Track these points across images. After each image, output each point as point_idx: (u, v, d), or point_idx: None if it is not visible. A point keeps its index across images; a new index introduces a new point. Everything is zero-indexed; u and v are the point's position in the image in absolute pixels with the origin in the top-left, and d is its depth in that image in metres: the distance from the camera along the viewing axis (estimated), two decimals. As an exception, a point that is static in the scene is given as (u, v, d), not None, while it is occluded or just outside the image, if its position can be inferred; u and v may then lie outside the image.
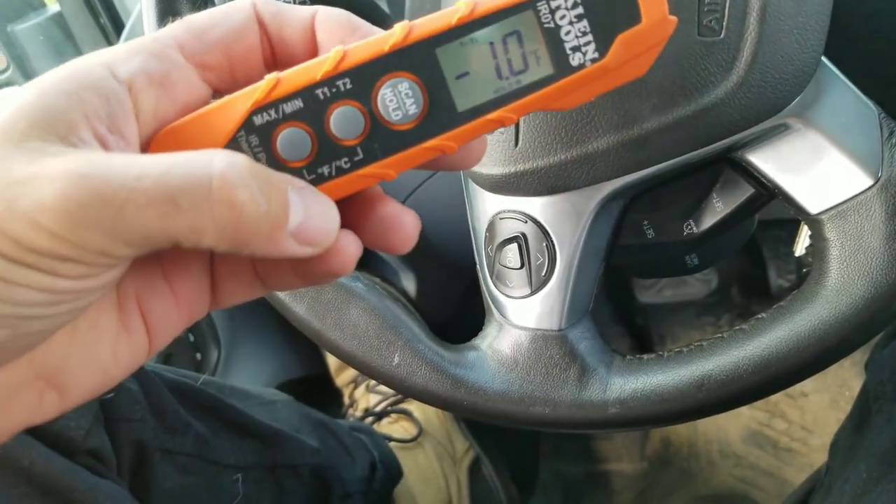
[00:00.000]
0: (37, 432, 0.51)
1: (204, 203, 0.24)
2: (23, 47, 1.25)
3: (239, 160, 0.25)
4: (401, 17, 0.62)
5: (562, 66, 0.28)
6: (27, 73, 1.25)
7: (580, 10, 0.27)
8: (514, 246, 0.48)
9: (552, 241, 0.47)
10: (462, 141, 0.29)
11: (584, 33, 0.28)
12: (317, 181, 0.29)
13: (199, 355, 1.06)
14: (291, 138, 0.28)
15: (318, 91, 0.28)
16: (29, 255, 0.23)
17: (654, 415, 0.47)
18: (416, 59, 0.28)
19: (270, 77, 0.28)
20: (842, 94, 0.44)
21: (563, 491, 1.25)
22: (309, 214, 0.26)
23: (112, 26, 1.29)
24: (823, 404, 1.22)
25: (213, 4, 0.59)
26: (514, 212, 0.48)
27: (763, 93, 0.42)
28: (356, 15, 0.63)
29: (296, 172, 0.28)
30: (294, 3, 0.58)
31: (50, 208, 0.22)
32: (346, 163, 0.28)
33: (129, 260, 0.25)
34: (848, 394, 1.21)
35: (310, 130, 0.28)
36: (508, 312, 0.50)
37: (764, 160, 0.44)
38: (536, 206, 0.47)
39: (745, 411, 1.25)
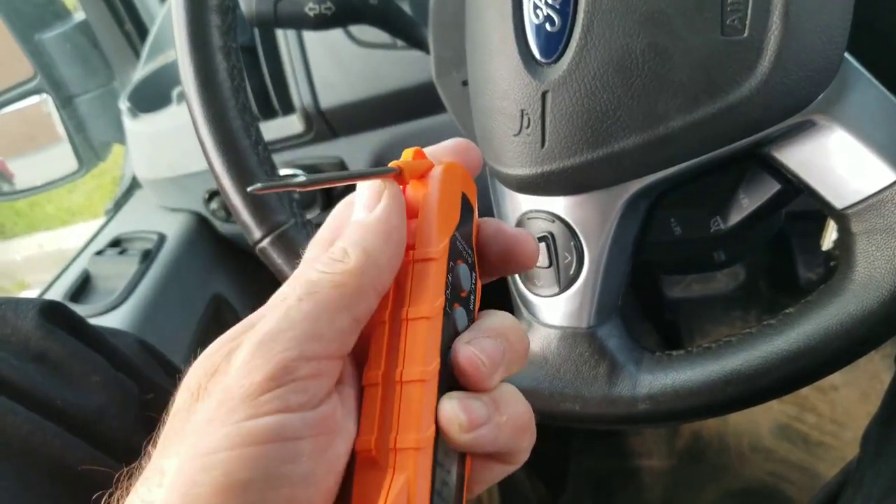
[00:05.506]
0: None
1: None
2: (50, 56, 1.26)
3: None
4: (424, 19, 0.63)
5: None
6: (54, 82, 1.26)
7: None
8: (542, 245, 0.48)
9: (580, 240, 0.48)
10: None
11: None
12: None
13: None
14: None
15: None
16: None
17: (683, 410, 0.48)
18: None
19: None
20: (866, 90, 0.43)
21: (592, 488, 1.25)
22: None
23: (137, 33, 1.31)
24: (854, 397, 1.21)
25: (240, 8, 0.60)
26: (542, 211, 0.48)
27: (787, 90, 0.42)
28: (385, 20, 0.63)
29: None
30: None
31: None
32: None
33: None
34: (879, 386, 1.19)
35: None
36: (537, 311, 0.51)
37: (789, 156, 0.44)
38: (563, 205, 0.48)
39: (774, 405, 1.25)
